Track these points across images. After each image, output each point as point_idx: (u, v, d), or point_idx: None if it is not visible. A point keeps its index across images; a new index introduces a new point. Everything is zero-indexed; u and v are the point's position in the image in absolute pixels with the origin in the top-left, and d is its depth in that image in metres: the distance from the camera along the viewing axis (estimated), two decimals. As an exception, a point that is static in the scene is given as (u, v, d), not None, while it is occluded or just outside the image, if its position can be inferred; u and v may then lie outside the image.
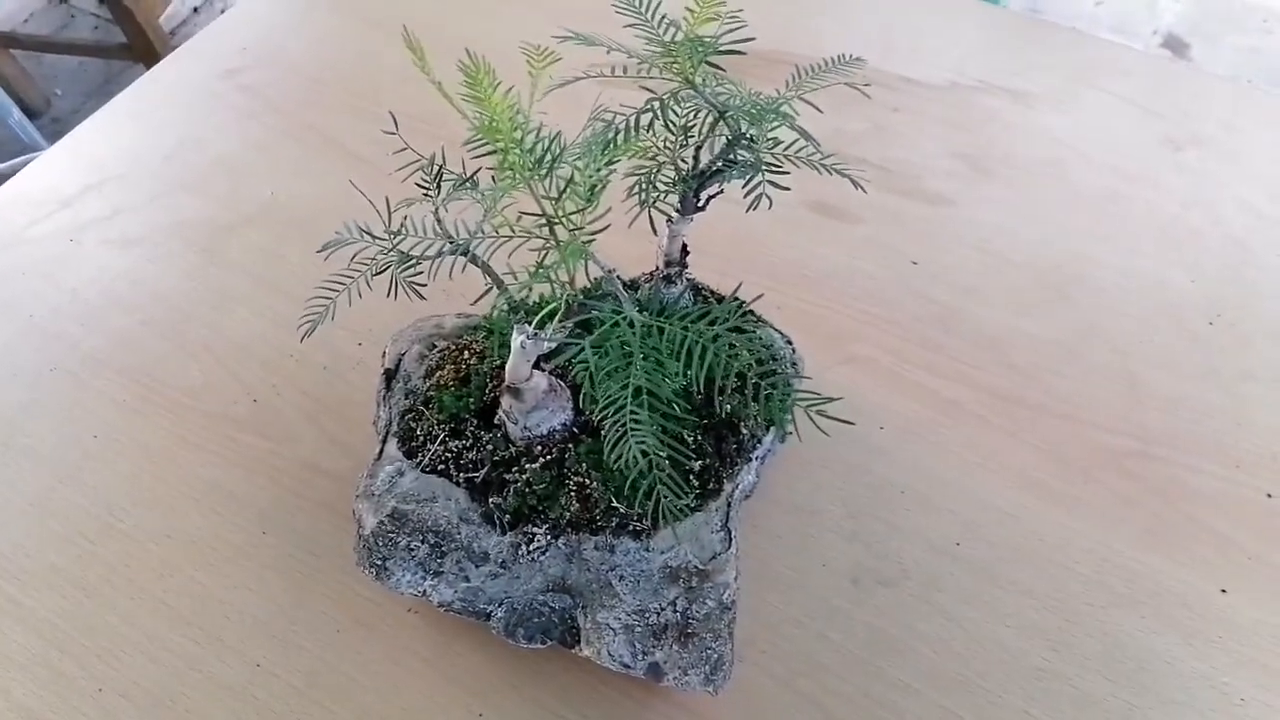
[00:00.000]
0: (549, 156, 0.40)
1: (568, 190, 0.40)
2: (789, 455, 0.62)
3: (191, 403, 0.67)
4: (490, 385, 0.56)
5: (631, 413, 0.40)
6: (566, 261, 0.40)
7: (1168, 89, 0.89)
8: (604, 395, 0.40)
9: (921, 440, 0.64)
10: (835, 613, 0.57)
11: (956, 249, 0.75)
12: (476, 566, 0.52)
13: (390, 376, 0.60)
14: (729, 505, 0.54)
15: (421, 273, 0.46)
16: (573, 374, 0.49)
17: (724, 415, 0.56)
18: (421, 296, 0.46)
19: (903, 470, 0.62)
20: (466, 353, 0.58)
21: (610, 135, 0.43)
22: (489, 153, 0.41)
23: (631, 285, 0.62)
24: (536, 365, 0.52)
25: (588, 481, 0.52)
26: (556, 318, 0.47)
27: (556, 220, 0.42)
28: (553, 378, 0.54)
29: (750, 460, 0.56)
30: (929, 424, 0.65)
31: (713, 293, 0.61)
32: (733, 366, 0.45)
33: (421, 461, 0.55)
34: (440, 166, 0.49)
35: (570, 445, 0.53)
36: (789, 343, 0.63)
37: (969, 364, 0.67)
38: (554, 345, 0.49)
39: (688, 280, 0.59)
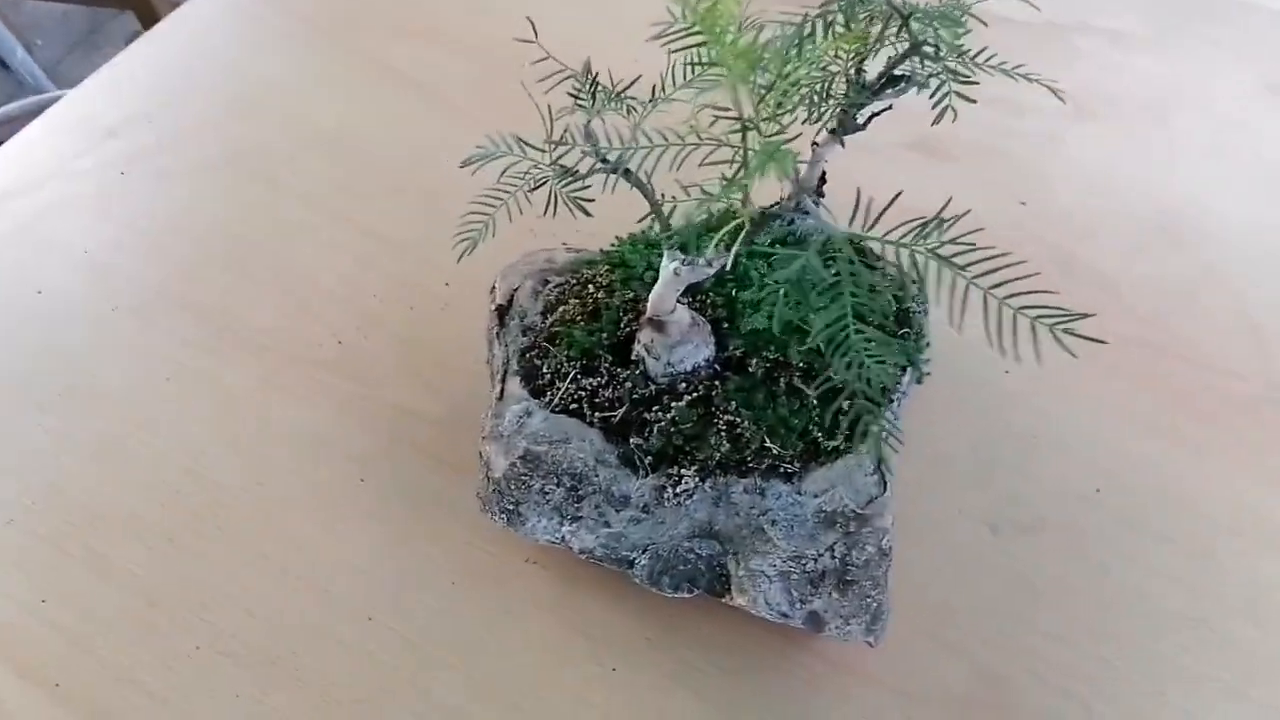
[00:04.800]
0: (762, 52, 0.36)
1: (776, 86, 0.36)
2: (917, 400, 0.60)
3: (271, 343, 0.63)
4: (624, 320, 0.52)
5: (858, 332, 0.37)
6: (772, 168, 0.36)
7: (1269, 31, 0.86)
8: (824, 316, 0.37)
9: (1049, 385, 0.61)
10: (976, 561, 0.55)
11: (1065, 189, 0.72)
12: (617, 511, 0.49)
13: (503, 313, 0.56)
14: (886, 440, 0.51)
15: (589, 187, 0.43)
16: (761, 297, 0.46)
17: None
18: (588, 214, 0.43)
19: (1034, 415, 0.60)
20: (591, 286, 0.54)
21: (803, 34, 0.39)
22: (694, 47, 0.37)
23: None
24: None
25: (738, 420, 0.48)
26: (722, 239, 0.43)
27: (753, 124, 0.38)
28: (694, 311, 0.50)
29: (890, 401, 0.53)
30: (1055, 369, 0.62)
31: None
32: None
33: (551, 400, 0.51)
34: (594, 74, 0.45)
35: (717, 383, 0.50)
36: (915, 281, 0.59)
37: (1090, 308, 0.65)
38: (715, 271, 0.45)
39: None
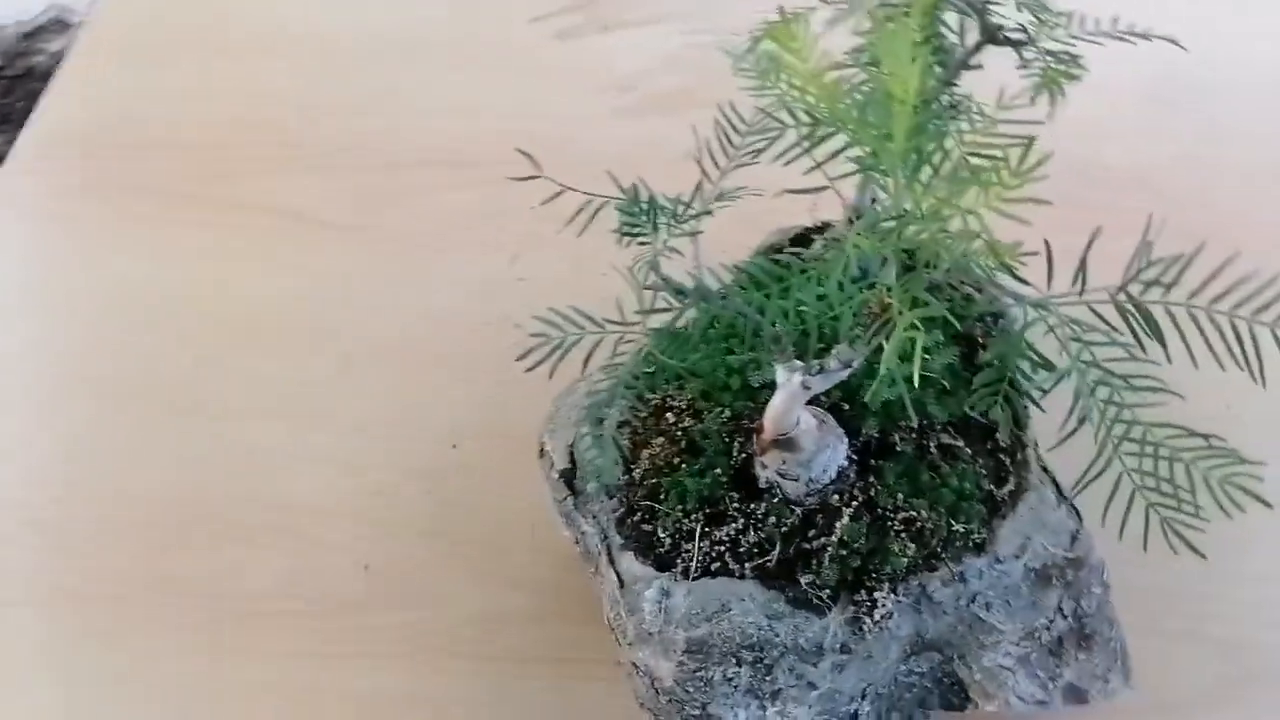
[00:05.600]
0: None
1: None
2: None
3: (286, 605, 0.50)
4: (733, 445, 0.43)
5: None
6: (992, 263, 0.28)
7: None
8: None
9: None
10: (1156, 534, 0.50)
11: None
12: (815, 665, 0.41)
13: (571, 478, 0.46)
14: (1045, 469, 0.45)
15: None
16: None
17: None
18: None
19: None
20: (670, 414, 0.45)
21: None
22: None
23: (803, 239, 0.52)
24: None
25: (916, 513, 0.41)
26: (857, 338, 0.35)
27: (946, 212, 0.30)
28: (815, 409, 0.42)
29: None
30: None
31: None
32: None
33: (686, 568, 0.42)
34: (651, 197, 0.35)
35: (871, 479, 0.42)
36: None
37: (1131, 213, 0.61)
38: (849, 375, 0.37)
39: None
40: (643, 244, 0.36)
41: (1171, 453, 0.29)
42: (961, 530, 0.42)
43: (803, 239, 0.53)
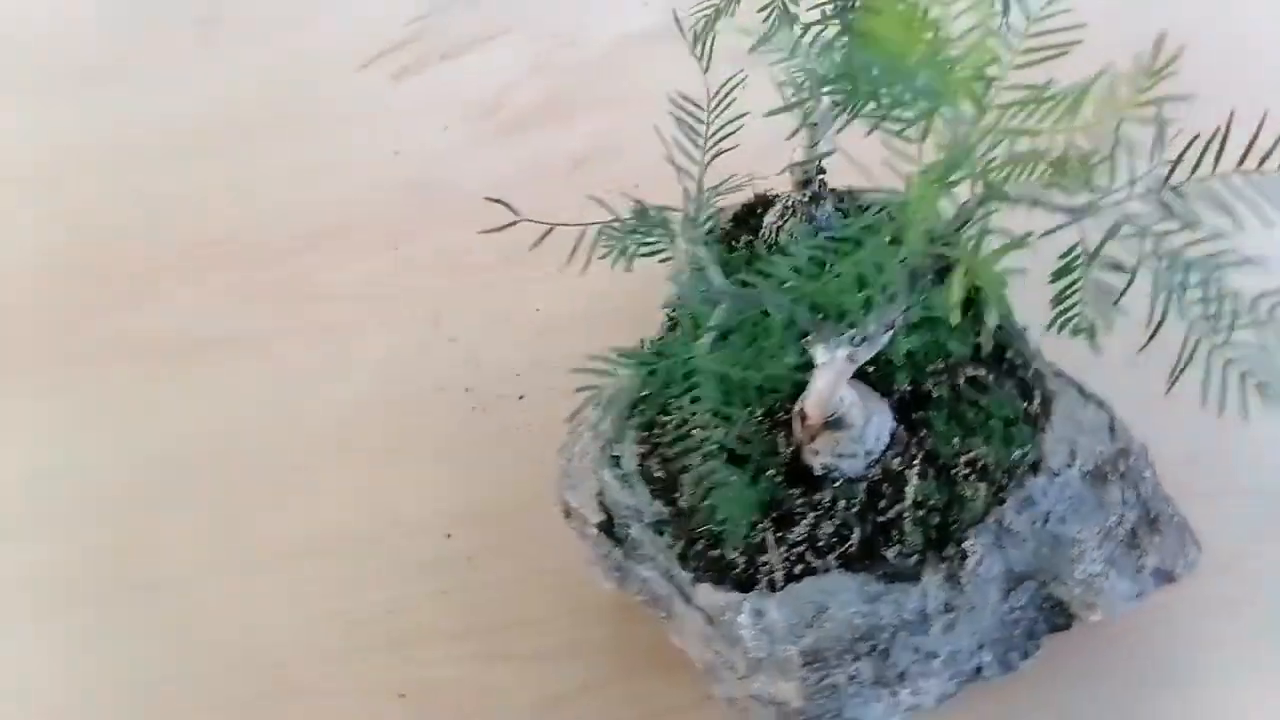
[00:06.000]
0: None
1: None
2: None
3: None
4: (778, 440, 0.41)
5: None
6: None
7: None
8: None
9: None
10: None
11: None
12: (927, 634, 0.40)
13: (610, 529, 0.42)
14: (1060, 374, 0.45)
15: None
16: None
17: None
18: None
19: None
20: (698, 429, 0.42)
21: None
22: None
23: (746, 216, 0.50)
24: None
25: (978, 454, 0.40)
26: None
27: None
28: (849, 380, 0.41)
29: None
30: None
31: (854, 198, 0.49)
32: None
33: (772, 580, 0.40)
34: (658, 209, 0.32)
35: (924, 431, 0.41)
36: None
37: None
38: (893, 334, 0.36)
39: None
40: (664, 260, 0.33)
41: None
42: (1018, 455, 0.41)
43: (747, 216, 0.51)
